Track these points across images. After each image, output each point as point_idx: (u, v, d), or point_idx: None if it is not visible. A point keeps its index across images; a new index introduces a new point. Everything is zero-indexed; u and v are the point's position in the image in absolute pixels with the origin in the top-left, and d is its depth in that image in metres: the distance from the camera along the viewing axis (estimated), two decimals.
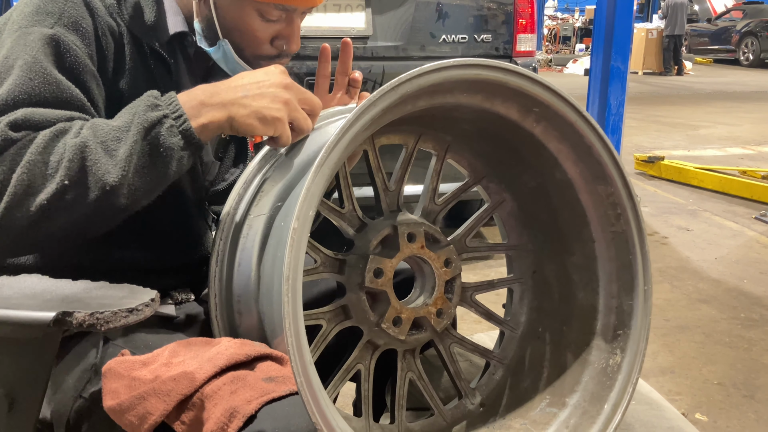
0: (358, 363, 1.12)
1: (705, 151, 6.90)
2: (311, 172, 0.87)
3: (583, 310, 1.25)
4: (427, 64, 0.97)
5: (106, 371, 0.97)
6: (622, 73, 4.90)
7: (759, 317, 3.20)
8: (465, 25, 3.48)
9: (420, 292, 1.20)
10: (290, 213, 0.98)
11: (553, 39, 20.22)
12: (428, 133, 1.24)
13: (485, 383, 1.30)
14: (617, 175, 1.17)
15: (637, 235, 1.19)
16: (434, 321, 1.16)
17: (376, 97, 0.92)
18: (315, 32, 3.21)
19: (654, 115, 9.19)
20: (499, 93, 1.09)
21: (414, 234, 1.14)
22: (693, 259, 3.98)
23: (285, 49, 1.19)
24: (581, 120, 1.13)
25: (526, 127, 1.16)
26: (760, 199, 5.05)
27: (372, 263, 1.08)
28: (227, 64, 1.18)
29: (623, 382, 1.17)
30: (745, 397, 2.50)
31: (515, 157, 1.25)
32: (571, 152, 1.18)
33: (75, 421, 1.03)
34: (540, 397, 1.24)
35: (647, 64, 15.50)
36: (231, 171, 1.33)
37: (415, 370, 1.19)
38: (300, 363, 0.84)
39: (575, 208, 1.22)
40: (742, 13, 18.70)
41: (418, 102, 1.04)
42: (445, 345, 1.23)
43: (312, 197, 0.88)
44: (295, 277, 0.85)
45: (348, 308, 1.10)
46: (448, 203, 1.25)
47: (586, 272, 1.25)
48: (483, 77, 1.04)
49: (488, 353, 1.31)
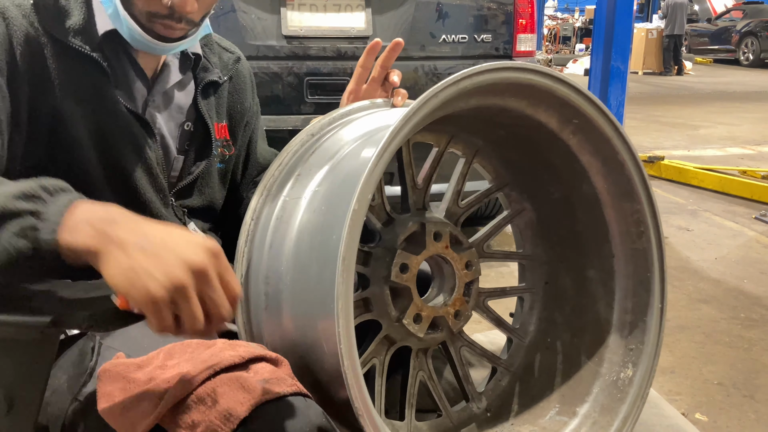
0: (374, 357, 1.12)
1: (705, 151, 6.90)
2: (375, 155, 0.87)
3: (596, 324, 1.25)
4: (487, 63, 0.99)
5: (101, 374, 0.96)
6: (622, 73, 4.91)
7: (759, 317, 3.20)
8: (465, 25, 3.48)
9: (438, 292, 1.21)
10: (331, 199, 0.99)
11: (553, 39, 20.21)
12: (460, 135, 1.25)
13: (492, 389, 1.30)
14: (644, 194, 1.18)
15: (657, 254, 1.20)
16: (452, 322, 1.17)
17: (440, 88, 0.94)
18: (315, 32, 3.21)
19: (654, 115, 9.19)
20: (544, 101, 1.10)
21: (440, 233, 1.15)
22: (693, 259, 3.97)
23: (175, 4, 1.09)
24: (617, 136, 1.14)
25: (563, 138, 1.17)
26: (760, 199, 5.05)
27: (399, 258, 1.08)
28: (120, 24, 1.11)
29: (634, 396, 1.18)
30: (745, 397, 2.50)
31: (544, 167, 1.25)
32: (602, 167, 1.18)
33: (71, 423, 1.02)
34: (549, 405, 1.24)
35: (647, 64, 15.50)
36: (197, 164, 1.29)
37: (426, 369, 1.19)
38: (348, 345, 0.85)
39: (598, 222, 1.23)
40: (742, 13, 18.69)
41: (471, 100, 1.05)
42: (456, 347, 1.23)
43: (373, 180, 0.88)
44: (350, 258, 0.86)
45: (369, 301, 1.10)
46: (472, 206, 1.26)
47: (602, 287, 1.25)
48: (534, 82, 1.05)
49: (496, 360, 1.31)
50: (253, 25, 3.09)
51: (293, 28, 3.16)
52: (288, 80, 3.15)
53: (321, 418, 0.89)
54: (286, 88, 3.15)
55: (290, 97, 3.16)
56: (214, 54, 1.34)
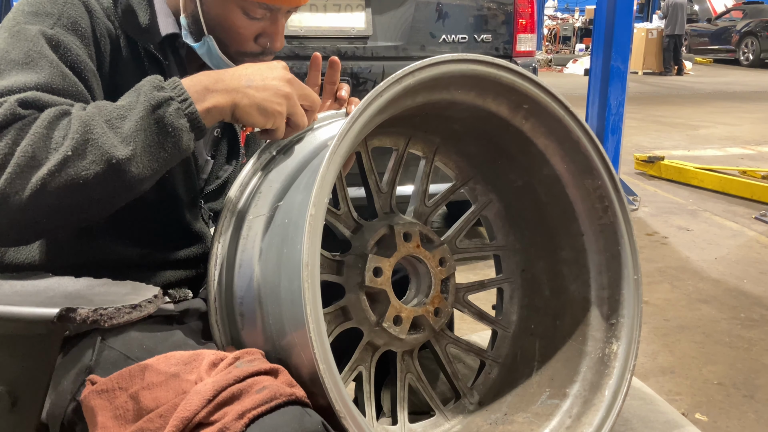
0: (359, 365, 1.12)
1: (705, 151, 6.90)
2: (325, 159, 0.88)
3: (575, 303, 1.27)
4: (426, 59, 1.00)
5: (84, 401, 0.95)
6: (622, 73, 4.91)
7: (759, 317, 3.20)
8: (465, 25, 3.48)
9: (416, 293, 1.21)
10: (292, 210, 0.99)
11: (553, 39, 20.21)
12: (417, 135, 1.26)
13: (482, 382, 1.31)
14: (603, 169, 1.19)
15: (624, 226, 1.21)
16: (432, 320, 1.17)
17: (383, 87, 0.95)
18: (315, 32, 3.21)
19: (654, 115, 9.19)
20: (491, 89, 1.11)
21: (410, 233, 1.15)
22: (693, 259, 3.98)
23: (269, 46, 1.20)
24: (568, 115, 1.15)
25: (516, 124, 1.18)
26: (760, 199, 5.06)
27: (371, 262, 1.08)
28: (211, 60, 1.19)
29: (621, 369, 1.19)
30: (745, 397, 2.50)
31: (503, 156, 1.27)
32: (558, 148, 1.20)
33: (69, 422, 1.03)
34: (539, 390, 1.25)
35: (647, 64, 15.51)
36: (224, 168, 1.34)
37: (414, 371, 1.19)
38: (321, 350, 0.86)
39: (563, 203, 1.24)
40: (742, 13, 18.70)
41: (417, 97, 1.06)
42: (442, 346, 1.24)
43: (326, 184, 0.89)
44: (313, 263, 0.86)
45: (347, 309, 1.10)
46: (438, 205, 1.27)
47: (575, 266, 1.27)
48: (478, 72, 1.06)
49: (483, 353, 1.31)
50: None
51: (293, 28, 3.17)
52: None
53: (317, 426, 0.87)
54: None
55: None
56: None
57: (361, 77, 3.25)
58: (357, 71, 3.25)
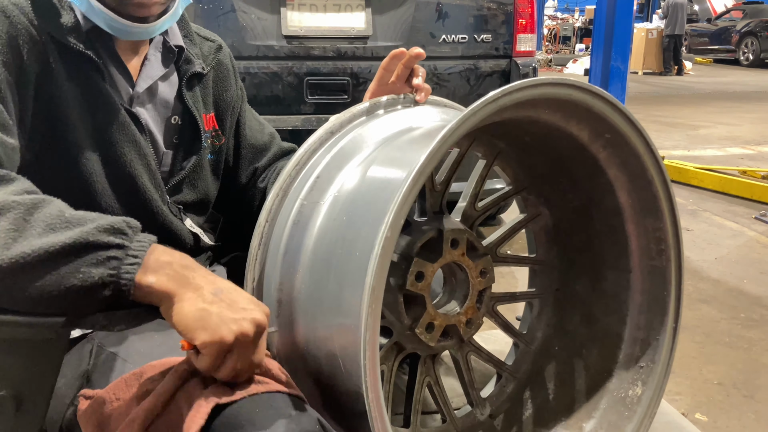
0: (382, 364, 1.10)
1: (705, 151, 6.89)
2: (407, 185, 0.81)
3: (606, 337, 1.24)
4: (524, 80, 0.96)
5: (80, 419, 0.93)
6: (622, 73, 4.91)
7: (759, 317, 3.20)
8: (465, 25, 3.48)
9: (449, 298, 1.18)
10: (357, 207, 0.92)
11: (553, 39, 20.20)
12: (482, 138, 1.22)
13: (496, 395, 1.29)
14: (668, 213, 1.16)
15: (675, 273, 1.18)
16: (463, 330, 1.14)
17: (478, 108, 0.90)
18: (315, 32, 3.21)
19: (654, 115, 9.18)
20: (577, 114, 1.08)
21: (458, 240, 1.12)
22: (693, 259, 3.97)
23: None
24: (647, 153, 1.12)
25: (592, 151, 1.15)
26: (760, 199, 5.05)
27: (415, 266, 1.05)
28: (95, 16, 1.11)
29: (642, 414, 1.17)
30: (745, 397, 2.50)
31: (566, 176, 1.23)
32: (628, 182, 1.17)
33: (68, 427, 1.02)
34: (555, 417, 1.23)
35: (647, 64, 15.49)
36: (188, 159, 1.27)
37: (432, 375, 1.17)
38: (373, 379, 0.81)
39: (618, 235, 1.21)
40: (742, 13, 18.68)
41: (504, 113, 1.02)
42: (464, 353, 1.22)
43: (406, 207, 0.83)
44: (379, 290, 0.80)
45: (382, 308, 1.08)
46: (488, 211, 1.23)
47: (615, 300, 1.23)
48: (573, 98, 1.03)
49: (501, 365, 1.29)
50: (253, 25, 3.09)
51: (293, 28, 3.16)
52: (288, 80, 3.15)
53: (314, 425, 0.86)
54: (286, 88, 3.15)
55: (290, 97, 3.17)
56: (195, 45, 1.32)
57: (361, 77, 3.25)
58: (357, 71, 3.25)
